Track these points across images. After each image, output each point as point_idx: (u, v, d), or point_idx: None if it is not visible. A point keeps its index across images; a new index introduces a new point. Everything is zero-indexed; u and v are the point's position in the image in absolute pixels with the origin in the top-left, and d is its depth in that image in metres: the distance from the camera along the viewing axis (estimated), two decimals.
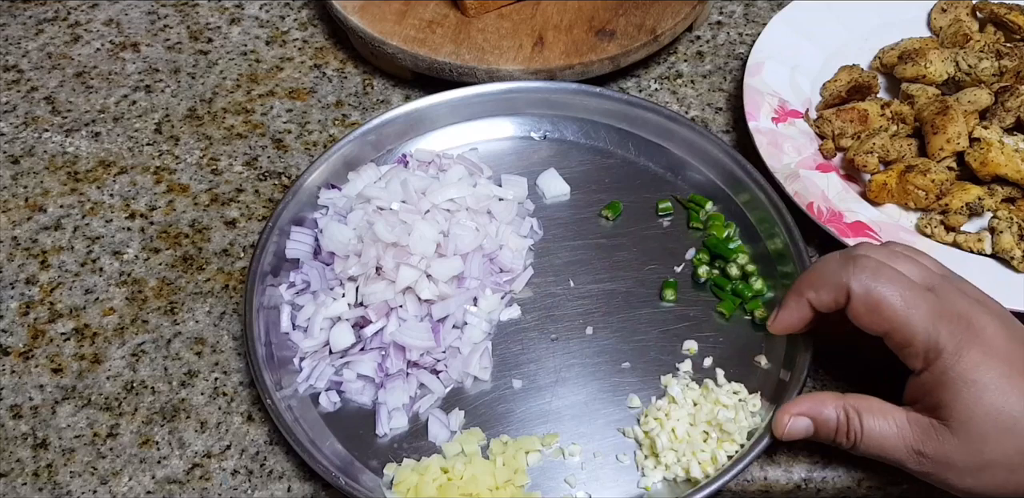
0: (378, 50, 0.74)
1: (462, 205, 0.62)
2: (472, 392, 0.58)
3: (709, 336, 0.60)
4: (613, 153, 0.70)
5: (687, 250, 0.65)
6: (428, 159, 0.67)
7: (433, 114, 0.69)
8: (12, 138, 0.74)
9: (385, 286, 0.58)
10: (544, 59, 0.71)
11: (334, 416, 0.57)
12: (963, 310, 0.47)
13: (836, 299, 0.49)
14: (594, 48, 0.72)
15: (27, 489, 0.56)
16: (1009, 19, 0.73)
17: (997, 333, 0.46)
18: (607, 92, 0.69)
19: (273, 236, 0.62)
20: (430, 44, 0.72)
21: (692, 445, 0.54)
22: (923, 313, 0.47)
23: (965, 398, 0.46)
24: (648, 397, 0.58)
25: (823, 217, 0.63)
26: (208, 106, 0.76)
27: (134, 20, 0.83)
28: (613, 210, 0.66)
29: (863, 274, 0.48)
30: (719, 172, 0.67)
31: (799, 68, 0.73)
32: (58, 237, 0.67)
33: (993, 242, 0.63)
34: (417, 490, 0.53)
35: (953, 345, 0.46)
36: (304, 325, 0.59)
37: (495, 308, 0.61)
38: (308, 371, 0.58)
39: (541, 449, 0.56)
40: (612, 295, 0.62)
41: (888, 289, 0.47)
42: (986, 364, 0.46)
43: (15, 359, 0.61)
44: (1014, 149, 0.65)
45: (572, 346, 0.60)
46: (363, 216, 0.61)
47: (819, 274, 0.51)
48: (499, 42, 0.72)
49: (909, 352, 0.48)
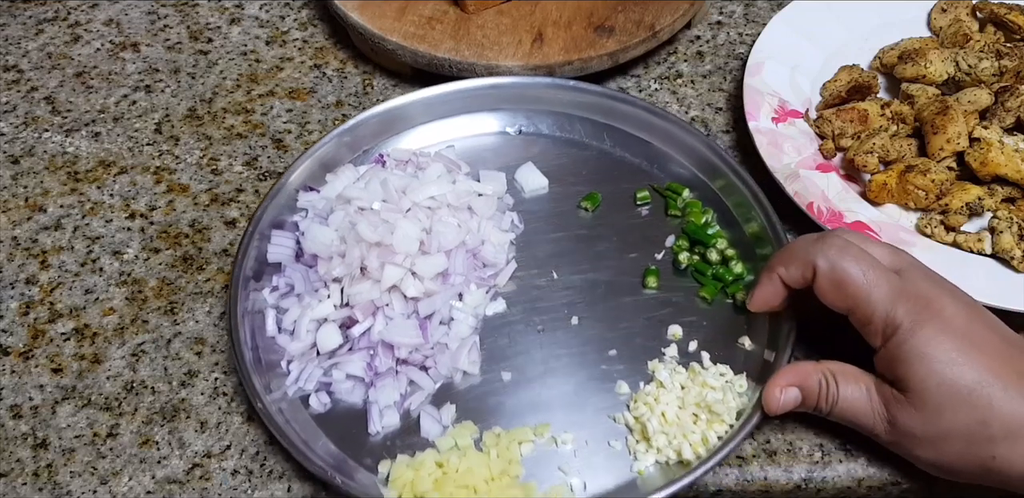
0: (378, 46, 0.74)
1: (443, 202, 0.63)
2: (462, 387, 0.59)
3: (693, 321, 0.61)
4: (589, 145, 0.71)
5: (667, 238, 0.66)
6: (405, 158, 0.67)
7: (407, 113, 0.70)
8: (12, 138, 0.74)
9: (370, 286, 0.58)
10: (543, 55, 0.71)
11: (325, 417, 0.57)
12: (925, 291, 0.49)
13: (804, 274, 0.51)
14: (593, 44, 0.72)
15: (27, 489, 0.56)
16: (1009, 19, 0.73)
17: (957, 313, 0.48)
18: (581, 85, 0.70)
19: (254, 241, 0.61)
20: (430, 40, 0.72)
21: (682, 427, 0.55)
22: (884, 291, 0.48)
23: (918, 371, 0.47)
24: (636, 383, 0.58)
25: (823, 217, 0.63)
26: (208, 106, 0.76)
27: (134, 20, 0.83)
28: (592, 201, 0.67)
29: (830, 251, 0.50)
30: (694, 160, 0.68)
31: (799, 68, 0.73)
32: (58, 237, 0.67)
33: (993, 242, 0.63)
34: (413, 485, 0.53)
35: (909, 321, 0.48)
36: (290, 328, 0.59)
37: (480, 303, 0.62)
38: (296, 373, 0.58)
39: (534, 439, 0.56)
40: (595, 285, 0.63)
41: (852, 266, 0.49)
42: (939, 338, 0.47)
43: (15, 359, 0.61)
44: (1014, 149, 0.65)
45: (559, 337, 0.61)
46: (344, 217, 0.61)
47: (790, 251, 0.53)
48: (498, 38, 0.73)
49: (870, 329, 0.49)
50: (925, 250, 0.62)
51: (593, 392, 0.58)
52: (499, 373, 0.59)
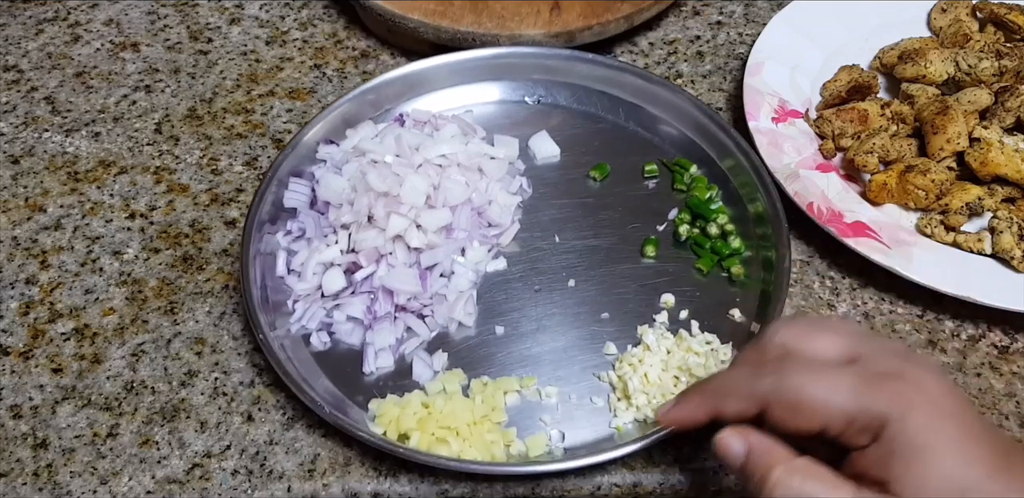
0: (398, 26, 0.75)
1: (453, 161, 0.65)
2: (456, 337, 0.61)
3: (686, 290, 0.63)
4: (604, 118, 0.72)
5: (670, 210, 0.67)
6: (424, 119, 0.70)
7: (431, 76, 0.71)
8: (12, 138, 0.74)
9: (376, 234, 0.61)
10: (563, 22, 0.73)
11: (324, 355, 0.60)
12: (896, 369, 0.42)
13: (748, 409, 0.45)
14: (609, 8, 0.74)
15: (27, 489, 0.56)
16: (1009, 19, 0.73)
17: (942, 391, 0.42)
18: (600, 58, 0.72)
19: (272, 186, 0.64)
20: (450, 15, 0.74)
21: (662, 388, 0.57)
22: (848, 391, 0.42)
23: (916, 468, 0.40)
24: (624, 345, 0.60)
25: (823, 217, 0.63)
26: (208, 106, 0.76)
27: (134, 20, 0.83)
28: (601, 171, 0.69)
29: (770, 378, 0.44)
30: (706, 138, 0.69)
31: (799, 68, 0.73)
32: (58, 237, 0.67)
33: (993, 242, 0.63)
34: (398, 422, 0.55)
35: (897, 410, 0.41)
36: (298, 270, 0.62)
37: (482, 259, 0.64)
38: (301, 312, 0.60)
39: (519, 390, 0.58)
40: (595, 251, 0.65)
41: (801, 385, 0.43)
42: (933, 426, 0.41)
43: (15, 359, 0.61)
44: (1014, 149, 0.65)
45: (554, 297, 0.63)
46: (358, 168, 0.64)
47: (731, 382, 0.46)
48: (517, 9, 0.74)
49: (851, 432, 0.42)
50: (925, 250, 0.62)
51: (581, 351, 0.60)
52: (493, 327, 0.61)
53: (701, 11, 0.83)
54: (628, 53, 0.80)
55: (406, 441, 0.54)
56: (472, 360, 0.60)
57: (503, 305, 0.62)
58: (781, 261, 0.60)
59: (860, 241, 0.62)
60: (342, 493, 0.55)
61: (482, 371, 0.59)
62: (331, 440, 0.57)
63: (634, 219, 0.66)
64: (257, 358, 0.61)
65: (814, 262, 0.66)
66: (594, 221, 0.66)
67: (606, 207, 0.67)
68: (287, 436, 0.57)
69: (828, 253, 0.66)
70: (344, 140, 0.68)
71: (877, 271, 0.63)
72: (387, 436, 0.55)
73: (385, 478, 0.56)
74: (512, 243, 0.65)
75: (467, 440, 0.55)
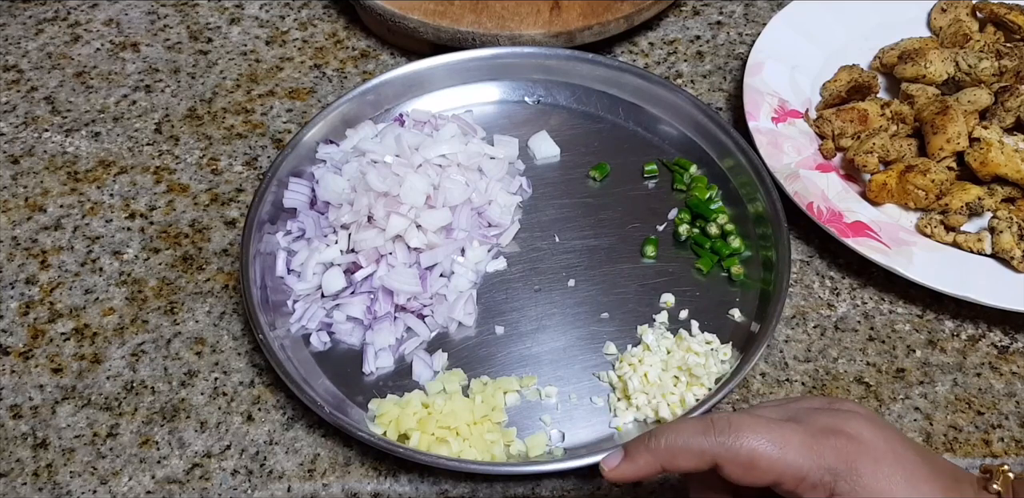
0: (398, 26, 0.75)
1: (453, 161, 0.65)
2: (456, 337, 0.61)
3: (686, 290, 0.63)
4: (604, 118, 0.72)
5: (670, 210, 0.67)
6: (424, 119, 0.70)
7: (430, 76, 0.72)
8: (12, 138, 0.74)
9: (376, 234, 0.61)
10: (563, 22, 0.73)
11: (324, 355, 0.60)
12: (832, 425, 0.43)
13: (698, 466, 0.44)
14: (609, 8, 0.74)
15: (27, 489, 0.56)
16: (1009, 19, 0.73)
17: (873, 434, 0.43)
18: (600, 58, 0.72)
19: (272, 186, 0.64)
20: (451, 15, 0.74)
21: (662, 388, 0.57)
22: (797, 446, 0.42)
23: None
24: (624, 345, 0.60)
25: (823, 217, 0.63)
26: (208, 106, 0.76)
27: (134, 20, 0.83)
28: (600, 171, 0.69)
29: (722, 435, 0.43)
30: (706, 138, 0.69)
31: (799, 68, 0.73)
32: (58, 237, 0.67)
33: (993, 242, 0.63)
34: (398, 422, 0.55)
35: (844, 465, 0.42)
36: (298, 270, 0.62)
37: (482, 259, 0.64)
38: (301, 312, 0.61)
39: (519, 390, 0.58)
40: (595, 251, 0.65)
41: (754, 440, 0.43)
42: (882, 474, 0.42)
43: (15, 359, 0.61)
44: (1014, 149, 0.65)
45: (554, 297, 0.63)
46: (357, 168, 0.64)
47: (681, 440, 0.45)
48: (517, 9, 0.74)
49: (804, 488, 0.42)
50: (925, 250, 0.62)
51: (581, 350, 0.60)
52: (493, 327, 0.61)
53: (701, 11, 0.83)
54: (628, 53, 0.80)
55: (406, 441, 0.54)
56: (472, 360, 0.60)
57: (503, 305, 0.63)
58: (781, 261, 0.60)
59: (860, 241, 0.62)
60: (342, 493, 0.55)
61: (482, 371, 0.59)
62: (331, 440, 0.57)
63: (634, 219, 0.67)
64: (257, 358, 0.61)
65: (814, 262, 0.66)
66: (594, 221, 0.66)
67: (606, 207, 0.67)
68: (287, 436, 0.58)
69: (828, 253, 0.66)
70: (344, 140, 0.68)
71: (877, 271, 0.63)
72: (387, 436, 0.55)
73: (385, 478, 0.56)
74: (512, 243, 0.66)
75: (467, 440, 0.55)
